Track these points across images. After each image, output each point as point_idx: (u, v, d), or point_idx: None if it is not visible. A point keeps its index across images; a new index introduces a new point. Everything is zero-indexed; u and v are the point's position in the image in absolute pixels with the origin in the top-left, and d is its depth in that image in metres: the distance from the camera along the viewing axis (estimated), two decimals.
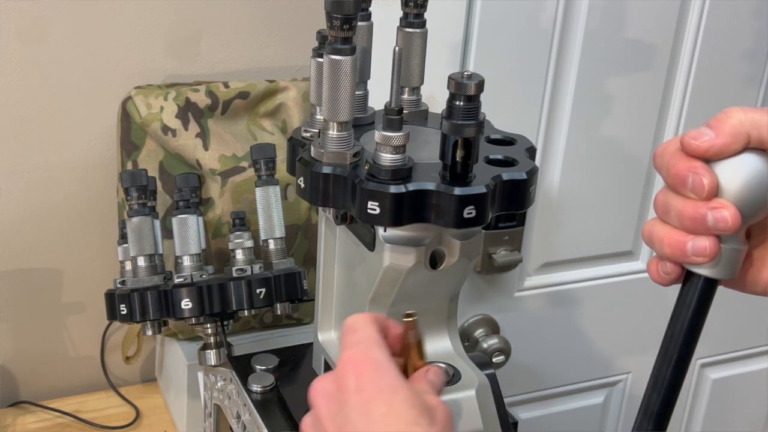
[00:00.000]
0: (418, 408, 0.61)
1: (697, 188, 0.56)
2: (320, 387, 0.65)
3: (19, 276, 1.25)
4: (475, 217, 0.74)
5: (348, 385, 0.62)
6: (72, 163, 1.22)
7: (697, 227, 0.57)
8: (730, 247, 0.58)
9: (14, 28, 1.14)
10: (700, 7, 1.19)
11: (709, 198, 0.56)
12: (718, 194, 0.56)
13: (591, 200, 1.24)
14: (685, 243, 0.57)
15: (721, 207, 0.56)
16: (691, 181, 0.56)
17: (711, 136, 0.56)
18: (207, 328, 1.03)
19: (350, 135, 0.78)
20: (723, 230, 0.56)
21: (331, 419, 0.62)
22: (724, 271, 0.59)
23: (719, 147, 0.56)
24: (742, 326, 1.43)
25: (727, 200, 0.56)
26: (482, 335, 1.24)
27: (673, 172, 0.57)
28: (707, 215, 0.56)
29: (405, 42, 0.88)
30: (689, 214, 0.57)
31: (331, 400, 0.63)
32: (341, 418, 0.62)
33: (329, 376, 0.65)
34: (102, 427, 1.24)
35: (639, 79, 1.20)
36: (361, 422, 0.60)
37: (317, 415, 0.64)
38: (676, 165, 0.57)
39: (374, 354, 0.64)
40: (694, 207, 0.56)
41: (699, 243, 0.57)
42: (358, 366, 0.63)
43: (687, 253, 0.57)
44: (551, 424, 1.38)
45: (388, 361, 0.64)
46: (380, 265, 0.80)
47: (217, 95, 1.13)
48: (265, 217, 1.03)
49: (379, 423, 0.60)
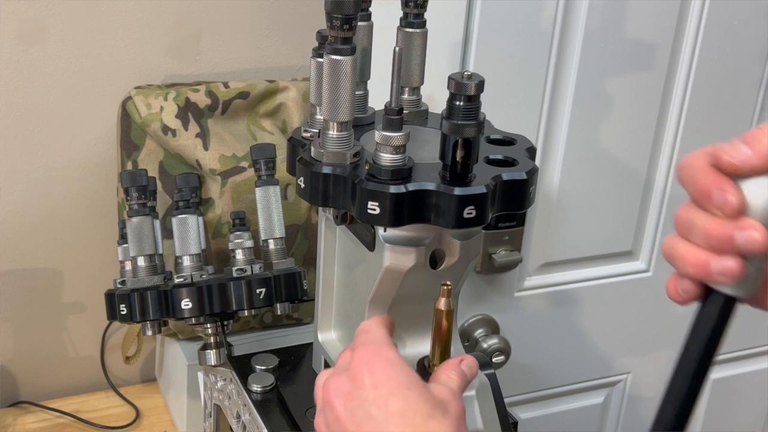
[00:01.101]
0: (431, 402, 0.64)
1: (723, 205, 0.54)
2: (334, 386, 0.66)
3: (19, 276, 1.25)
4: (475, 217, 0.74)
5: (364, 383, 0.65)
6: (72, 163, 1.22)
7: (724, 246, 0.54)
8: (754, 267, 0.56)
9: (14, 28, 1.14)
10: (700, 7, 1.19)
11: (735, 216, 0.54)
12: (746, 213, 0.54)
13: (591, 200, 1.24)
14: (708, 262, 0.55)
15: (750, 228, 0.54)
16: (717, 198, 0.54)
17: (747, 152, 0.54)
18: (207, 328, 1.03)
19: (350, 135, 0.78)
20: (752, 251, 0.54)
21: (350, 417, 0.64)
22: (746, 290, 0.57)
23: (754, 164, 0.54)
24: (742, 326, 1.43)
25: (754, 219, 0.54)
26: (482, 335, 1.24)
27: (699, 186, 0.55)
28: (735, 235, 0.54)
29: (405, 42, 0.88)
30: (715, 233, 0.54)
31: (348, 398, 0.65)
32: (361, 415, 0.63)
33: (342, 376, 0.66)
34: (102, 427, 1.24)
35: (639, 79, 1.20)
36: (381, 417, 0.63)
37: (334, 414, 0.65)
38: (702, 180, 0.55)
39: (386, 352, 0.67)
40: (720, 226, 0.54)
41: (725, 263, 0.55)
42: (371, 364, 0.65)
43: (711, 272, 0.55)
44: (551, 424, 1.38)
45: (399, 358, 0.67)
46: (380, 265, 0.80)
47: (217, 95, 1.13)
48: (265, 217, 1.03)
49: (397, 417, 0.62)
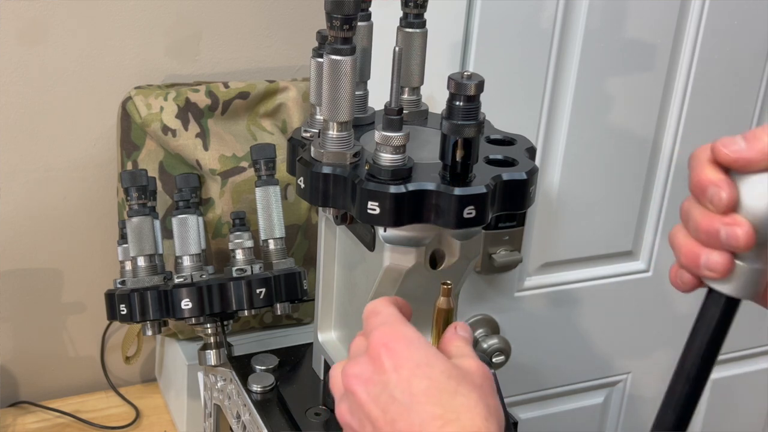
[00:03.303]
0: (456, 377, 0.63)
1: (714, 200, 0.55)
2: (354, 373, 0.65)
3: (19, 276, 1.25)
4: (475, 217, 0.74)
5: (385, 366, 0.63)
6: (72, 163, 1.22)
7: (711, 241, 0.56)
8: (749, 266, 0.56)
9: (14, 28, 1.14)
10: (700, 7, 1.18)
11: (727, 212, 0.55)
12: (738, 210, 0.55)
13: (591, 200, 1.24)
14: (699, 255, 0.56)
15: (735, 224, 0.54)
16: (710, 192, 0.55)
17: (742, 147, 0.55)
18: (207, 328, 1.03)
19: (350, 135, 0.78)
20: (734, 247, 0.55)
21: (373, 402, 0.63)
22: (745, 291, 0.57)
23: (746, 160, 0.55)
24: (742, 326, 1.43)
25: (746, 217, 0.55)
26: (482, 335, 1.24)
27: (695, 180, 0.56)
28: (720, 230, 0.55)
29: (405, 42, 0.88)
30: (704, 226, 0.56)
31: (370, 383, 0.63)
32: (385, 398, 0.62)
33: (360, 361, 0.65)
34: (102, 427, 1.24)
35: (639, 79, 1.20)
36: (405, 399, 0.61)
37: (357, 401, 0.64)
38: (699, 173, 0.56)
39: (403, 330, 0.65)
40: (709, 220, 0.55)
41: (712, 257, 0.56)
42: (389, 345, 0.64)
43: (700, 266, 0.56)
44: (551, 424, 1.38)
45: (417, 335, 0.65)
46: (380, 265, 0.80)
47: (217, 95, 1.13)
48: (265, 217, 1.03)
49: (422, 397, 0.61)
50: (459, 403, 0.61)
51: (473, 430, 0.60)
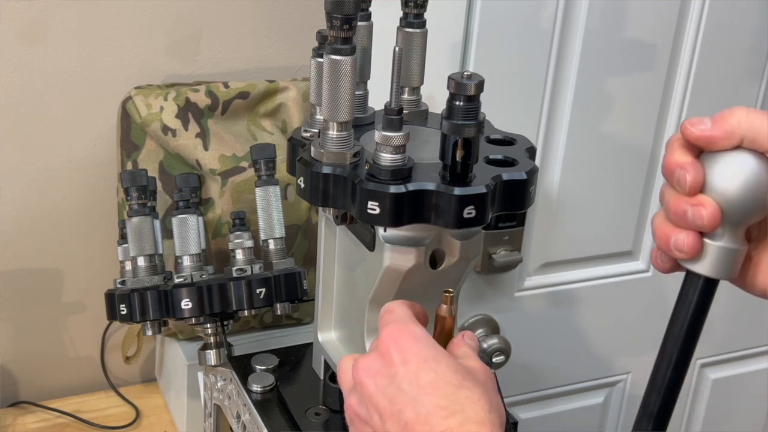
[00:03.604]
0: (461, 372, 0.65)
1: (680, 182, 0.58)
2: (364, 366, 0.67)
3: (19, 276, 1.25)
4: (475, 217, 0.74)
5: (393, 359, 0.66)
6: (72, 163, 1.22)
7: (679, 221, 0.58)
8: (722, 246, 0.58)
9: (14, 28, 1.14)
10: (700, 7, 1.19)
11: (693, 194, 0.57)
12: (708, 191, 0.57)
13: (591, 200, 1.24)
14: (669, 236, 0.59)
15: (700, 204, 0.57)
16: (677, 175, 0.58)
17: (707, 127, 0.57)
18: (207, 328, 1.03)
19: (350, 135, 0.78)
20: (700, 227, 0.57)
21: (381, 393, 0.65)
22: (721, 271, 0.59)
23: (709, 139, 0.57)
24: (742, 326, 1.43)
25: (713, 197, 0.57)
26: (482, 335, 1.24)
27: (665, 162, 0.59)
28: (687, 211, 0.57)
29: (405, 42, 0.88)
30: (673, 207, 0.58)
31: (379, 375, 0.66)
32: (392, 390, 0.65)
33: (370, 355, 0.68)
34: (102, 427, 1.24)
35: (639, 79, 1.20)
36: (412, 390, 0.64)
37: (366, 392, 0.66)
38: (669, 157, 0.59)
39: (411, 328, 0.68)
40: (677, 201, 0.58)
41: (680, 237, 0.58)
42: (398, 340, 0.67)
43: (670, 246, 0.59)
44: (551, 424, 1.38)
45: (425, 333, 0.68)
46: (380, 265, 0.80)
47: (217, 95, 1.13)
48: (265, 217, 1.03)
49: (428, 389, 0.63)
50: (464, 396, 0.63)
51: (477, 422, 0.62)
